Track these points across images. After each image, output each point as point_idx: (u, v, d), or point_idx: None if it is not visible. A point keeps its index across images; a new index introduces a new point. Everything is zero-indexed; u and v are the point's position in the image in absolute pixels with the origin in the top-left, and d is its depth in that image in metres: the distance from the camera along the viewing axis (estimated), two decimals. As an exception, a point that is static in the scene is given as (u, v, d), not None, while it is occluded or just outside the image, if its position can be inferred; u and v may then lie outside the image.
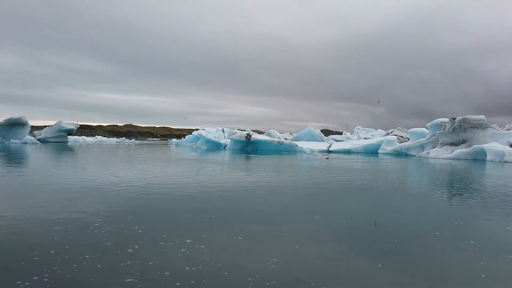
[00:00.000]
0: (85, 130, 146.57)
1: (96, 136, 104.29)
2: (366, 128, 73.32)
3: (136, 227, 6.49)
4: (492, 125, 38.85)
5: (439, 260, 5.12)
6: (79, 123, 72.58)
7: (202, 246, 5.47)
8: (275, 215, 7.77)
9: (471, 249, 5.68)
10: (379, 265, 4.90)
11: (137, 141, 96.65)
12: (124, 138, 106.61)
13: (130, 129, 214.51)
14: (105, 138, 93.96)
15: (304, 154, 38.68)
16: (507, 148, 32.05)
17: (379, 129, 72.66)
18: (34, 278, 4.20)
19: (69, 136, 70.21)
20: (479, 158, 33.27)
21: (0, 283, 4.08)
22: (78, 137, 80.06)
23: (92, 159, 25.30)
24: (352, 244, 5.88)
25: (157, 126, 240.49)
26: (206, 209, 8.29)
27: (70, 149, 40.64)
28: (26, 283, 4.06)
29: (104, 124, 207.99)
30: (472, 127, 36.88)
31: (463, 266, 5.02)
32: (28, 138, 56.39)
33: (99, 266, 4.63)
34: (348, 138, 66.64)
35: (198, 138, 57.59)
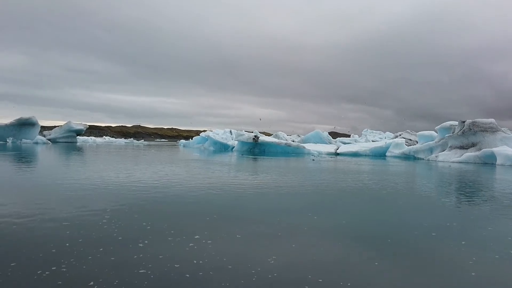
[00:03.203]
0: (93, 130, 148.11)
1: (104, 136, 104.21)
2: (375, 131, 73.18)
3: (144, 223, 6.76)
4: (502, 128, 38.61)
5: (434, 259, 5.30)
6: (87, 124, 73.36)
7: (209, 241, 5.71)
8: (275, 215, 7.98)
9: (464, 249, 5.84)
10: (375, 263, 5.09)
11: (146, 142, 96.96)
12: (132, 139, 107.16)
13: (138, 130, 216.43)
14: (113, 139, 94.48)
15: (311, 157, 38.78)
16: (517, 152, 31.79)
17: (387, 132, 72.50)
18: (53, 268, 4.47)
19: (78, 137, 71.13)
20: (488, 162, 33.07)
21: (22, 272, 4.35)
22: (87, 137, 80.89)
23: (102, 159, 25.72)
24: (350, 243, 6.08)
25: (165, 127, 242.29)
26: (210, 207, 8.56)
27: (80, 149, 41.22)
28: (46, 273, 4.33)
29: (113, 125, 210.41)
30: (481, 131, 36.67)
31: (455, 265, 5.16)
32: (39, 138, 57.28)
33: (112, 258, 4.88)
34: (356, 141, 66.58)
35: (205, 139, 57.95)
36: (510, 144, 34.78)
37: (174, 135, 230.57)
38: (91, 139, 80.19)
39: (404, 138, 57.96)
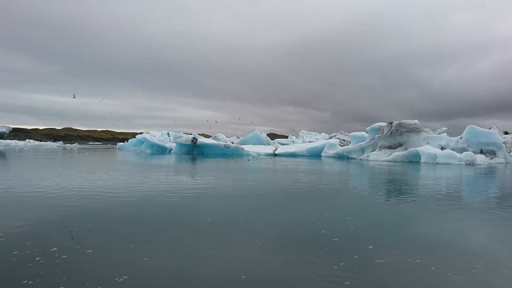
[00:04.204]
0: (18, 133, 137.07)
1: (28, 140, 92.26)
2: (311, 132, 75.33)
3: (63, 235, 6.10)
4: (425, 129, 41.57)
5: (379, 260, 5.31)
6: (11, 126, 67.49)
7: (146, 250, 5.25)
8: (220, 223, 7.66)
9: (408, 249, 5.95)
10: (321, 267, 4.98)
11: (79, 146, 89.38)
12: (61, 142, 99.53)
13: (70, 133, 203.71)
14: (40, 142, 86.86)
15: (251, 158, 38.90)
16: (439, 150, 34.38)
17: (322, 133, 74.93)
18: None
19: (0, 140, 65.17)
20: (414, 160, 35.34)
21: None
22: (10, 141, 74.21)
23: (29, 166, 23.64)
24: (282, 245, 5.93)
25: (99, 129, 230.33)
26: (145, 218, 8.01)
27: (2, 155, 37.64)
28: None
29: (40, 127, 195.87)
30: (407, 131, 39.16)
31: (399, 265, 5.21)
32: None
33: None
34: (293, 142, 68.06)
35: (142, 141, 55.86)
36: (432, 144, 37.53)
37: (108, 138, 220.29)
38: (15, 142, 73.69)
39: (338, 138, 60.34)
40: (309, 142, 63.16)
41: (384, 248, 5.77)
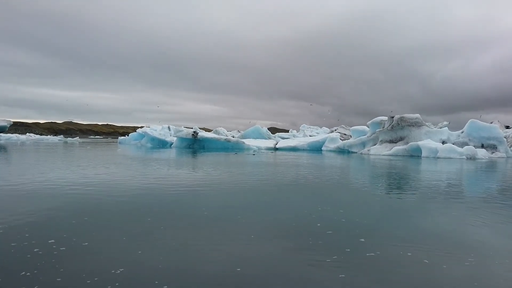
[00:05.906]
0: (19, 127, 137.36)
1: (28, 134, 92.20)
2: (312, 126, 75.26)
3: (63, 229, 6.15)
4: (427, 123, 41.50)
5: (370, 254, 5.34)
6: (12, 120, 67.57)
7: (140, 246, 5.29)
8: (216, 216, 7.70)
9: (401, 242, 5.98)
10: (318, 260, 5.02)
11: (81, 139, 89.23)
12: (62, 136, 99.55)
13: (70, 127, 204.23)
14: (40, 136, 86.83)
15: (252, 152, 38.91)
16: (440, 145, 34.35)
17: (323, 127, 74.85)
18: None
19: (1, 134, 65.28)
20: (415, 154, 35.33)
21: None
22: (11, 134, 74.30)
23: (34, 160, 23.71)
24: (284, 240, 5.96)
25: (100, 123, 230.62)
26: (141, 211, 8.05)
27: (4, 149, 37.75)
28: None
29: (41, 121, 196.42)
30: (408, 125, 39.12)
31: (391, 258, 5.24)
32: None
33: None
34: (294, 136, 68.02)
35: (142, 135, 55.86)
36: (433, 138, 37.49)
37: (109, 132, 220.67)
38: (16, 136, 73.76)
39: (339, 132, 60.28)
40: (310, 136, 63.11)
41: (376, 241, 5.80)
